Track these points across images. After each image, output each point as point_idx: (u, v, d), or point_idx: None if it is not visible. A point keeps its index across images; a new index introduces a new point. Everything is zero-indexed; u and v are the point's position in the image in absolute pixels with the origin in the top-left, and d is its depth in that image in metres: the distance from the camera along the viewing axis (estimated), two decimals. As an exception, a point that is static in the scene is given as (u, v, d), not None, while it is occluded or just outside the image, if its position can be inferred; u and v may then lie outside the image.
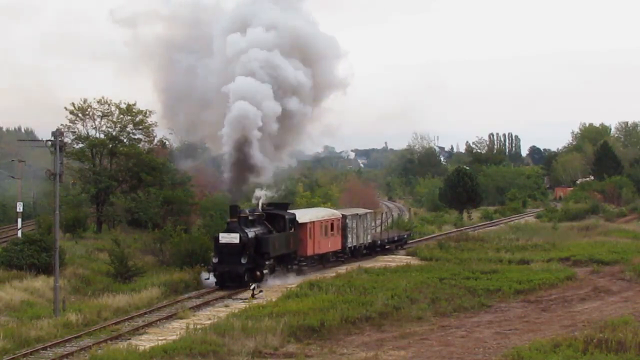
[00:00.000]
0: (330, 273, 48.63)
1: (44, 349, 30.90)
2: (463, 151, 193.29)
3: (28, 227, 64.07)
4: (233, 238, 44.92)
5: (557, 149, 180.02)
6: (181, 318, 36.91)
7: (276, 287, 45.22)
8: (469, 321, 36.81)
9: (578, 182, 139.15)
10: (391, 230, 66.74)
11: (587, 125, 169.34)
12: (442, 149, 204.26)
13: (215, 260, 45.21)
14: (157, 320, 36.56)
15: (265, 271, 45.98)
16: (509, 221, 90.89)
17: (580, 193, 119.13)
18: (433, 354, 30.40)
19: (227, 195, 56.34)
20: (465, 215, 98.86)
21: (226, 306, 40.28)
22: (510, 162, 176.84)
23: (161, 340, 32.15)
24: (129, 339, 32.83)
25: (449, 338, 33.24)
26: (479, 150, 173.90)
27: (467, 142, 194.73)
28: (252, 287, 43.27)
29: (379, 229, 70.02)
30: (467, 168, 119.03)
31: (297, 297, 39.31)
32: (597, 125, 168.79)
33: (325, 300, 37.90)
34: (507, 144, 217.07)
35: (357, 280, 44.17)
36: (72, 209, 61.59)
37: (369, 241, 59.40)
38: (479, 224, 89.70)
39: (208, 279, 45.38)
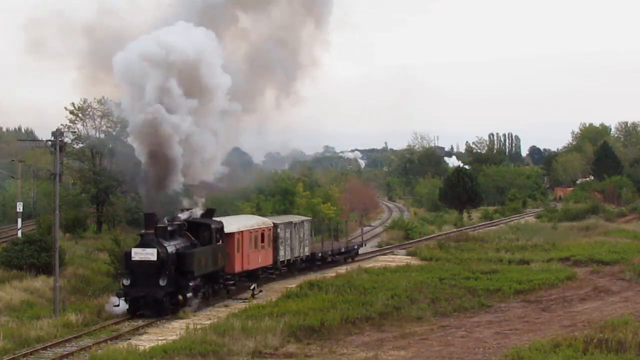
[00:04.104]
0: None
1: (44, 349, 30.90)
2: (463, 151, 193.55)
3: (28, 227, 64.00)
4: (149, 254, 37.09)
5: (557, 149, 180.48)
6: (181, 318, 36.92)
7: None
8: (469, 321, 36.80)
9: (578, 182, 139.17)
10: (337, 240, 59.54)
11: (587, 125, 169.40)
12: (441, 149, 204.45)
13: (126, 282, 37.34)
14: (157, 320, 36.57)
15: (189, 294, 37.96)
16: (509, 221, 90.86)
17: (580, 193, 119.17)
18: (433, 354, 30.38)
19: (226, 195, 55.73)
20: (465, 215, 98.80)
21: (226, 306, 40.30)
22: (510, 162, 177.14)
23: (161, 340, 32.15)
24: (129, 339, 32.84)
25: (449, 338, 33.23)
26: (479, 150, 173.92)
27: (467, 142, 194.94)
28: (251, 287, 43.25)
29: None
30: (467, 168, 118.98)
31: (297, 297, 39.35)
32: (597, 125, 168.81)
33: (325, 300, 37.93)
34: (507, 144, 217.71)
35: (357, 280, 44.17)
36: (72, 209, 61.53)
37: (307, 254, 52.21)
38: (479, 224, 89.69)
39: (118, 305, 37.19)
